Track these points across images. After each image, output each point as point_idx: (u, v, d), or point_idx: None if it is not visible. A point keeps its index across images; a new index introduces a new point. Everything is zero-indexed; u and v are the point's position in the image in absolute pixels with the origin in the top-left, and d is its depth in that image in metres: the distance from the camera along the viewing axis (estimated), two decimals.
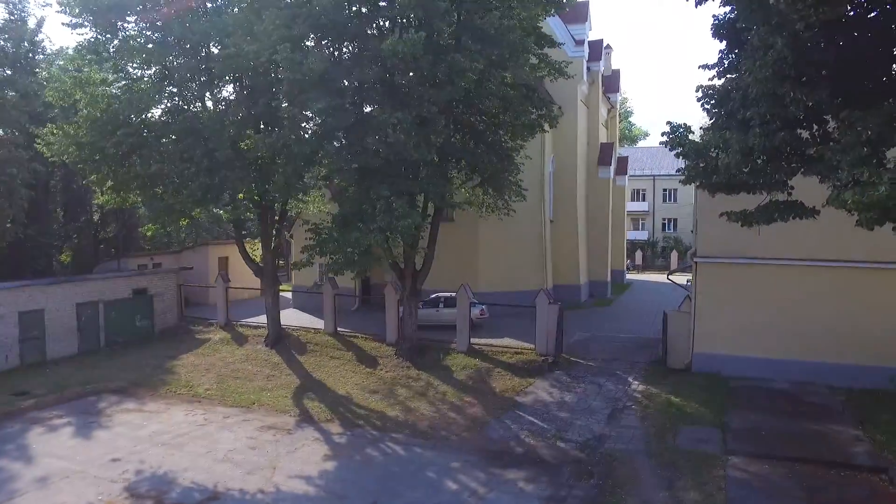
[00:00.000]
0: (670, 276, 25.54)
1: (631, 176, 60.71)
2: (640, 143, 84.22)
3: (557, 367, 22.73)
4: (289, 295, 37.16)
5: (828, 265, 20.15)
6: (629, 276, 49.73)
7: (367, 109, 20.11)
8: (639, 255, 60.84)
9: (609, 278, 39.33)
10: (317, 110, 17.68)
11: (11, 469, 15.69)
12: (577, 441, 16.75)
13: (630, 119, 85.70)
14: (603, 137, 41.46)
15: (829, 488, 13.61)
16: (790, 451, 15.31)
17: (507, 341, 25.72)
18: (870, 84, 10.15)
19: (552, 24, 30.94)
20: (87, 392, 21.98)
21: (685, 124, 12.11)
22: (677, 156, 12.40)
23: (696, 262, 21.80)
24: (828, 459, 14.87)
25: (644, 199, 68.51)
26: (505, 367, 22.93)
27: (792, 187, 12.34)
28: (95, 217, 43.64)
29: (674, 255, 56.42)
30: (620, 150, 53.35)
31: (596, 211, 38.75)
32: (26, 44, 34.83)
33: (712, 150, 11.36)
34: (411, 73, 18.39)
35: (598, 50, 38.14)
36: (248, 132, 20.86)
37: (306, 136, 19.58)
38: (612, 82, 44.43)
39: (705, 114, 12.21)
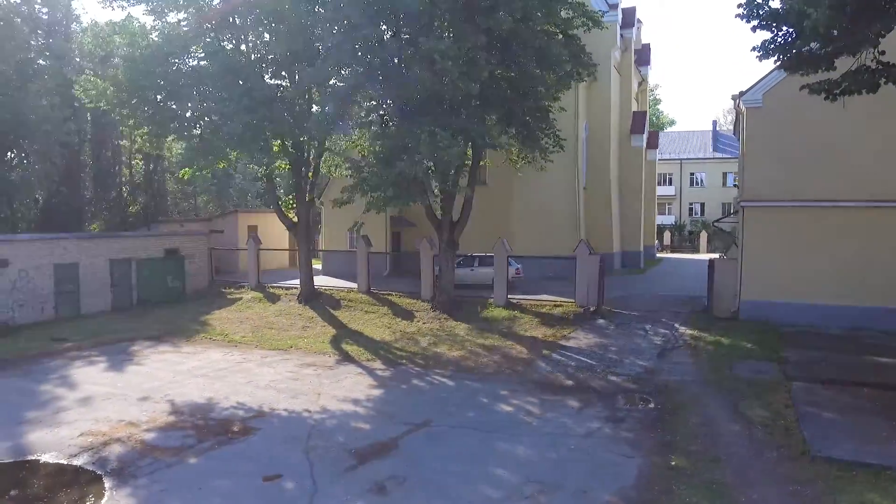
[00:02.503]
0: (717, 223, 24.90)
1: (658, 160, 59.87)
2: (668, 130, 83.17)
3: (599, 315, 22.18)
4: (318, 266, 37.04)
5: (883, 205, 19.42)
6: (659, 255, 48.98)
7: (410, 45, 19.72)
8: (667, 235, 59.99)
9: (642, 249, 38.65)
10: (360, 38, 17.29)
11: (56, 392, 15.56)
12: (628, 375, 16.23)
13: (658, 107, 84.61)
14: (634, 109, 40.76)
15: None
16: (855, 378, 14.68)
17: (544, 297, 25.21)
18: None
19: None
20: (122, 338, 21.81)
21: None
22: (753, 29, 11.72)
23: (742, 207, 21.16)
24: None
25: (671, 184, 67.61)
26: (545, 318, 22.42)
27: (882, 51, 11.65)
28: (125, 191, 43.82)
29: (703, 236, 55.56)
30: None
31: (628, 180, 38.07)
32: (60, 13, 34.99)
33: (792, 16, 10.62)
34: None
35: (631, 17, 37.51)
36: (284, 73, 20.56)
37: (347, 71, 19.19)
38: (643, 55, 43.72)
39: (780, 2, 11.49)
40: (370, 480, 10.26)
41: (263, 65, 21.40)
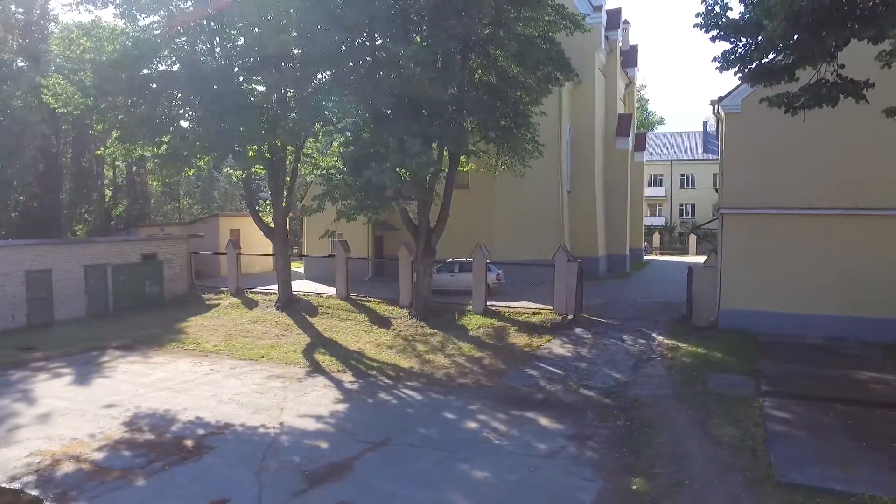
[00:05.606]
0: (696, 231, 24.52)
1: (648, 161, 59.65)
2: (657, 130, 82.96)
3: (577, 324, 21.85)
4: (300, 269, 36.67)
5: (863, 213, 19.14)
6: (647, 257, 48.66)
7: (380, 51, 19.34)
8: (656, 237, 59.67)
9: (628, 253, 38.33)
10: (326, 43, 16.89)
11: (14, 408, 15.13)
12: (601, 388, 15.90)
13: (646, 107, 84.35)
14: (621, 112, 40.44)
15: (877, 425, 12.66)
16: (829, 393, 14.37)
17: (524, 303, 24.88)
18: None
19: None
20: (92, 347, 21.42)
21: (723, 1, 10.99)
22: (713, 39, 11.35)
23: (722, 214, 20.85)
24: (871, 400, 13.94)
25: (661, 185, 67.34)
26: (522, 326, 22.09)
27: (842, 65, 11.33)
28: (108, 193, 43.31)
29: (692, 238, 55.25)
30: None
31: (614, 183, 37.73)
32: (37, 11, 34.52)
33: (751, 27, 10.28)
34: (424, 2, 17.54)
35: (615, 19, 37.16)
36: (257, 77, 20.14)
37: (317, 79, 18.81)
38: (630, 56, 43.39)
39: (742, 6, 11.12)
40: None
41: (235, 69, 20.96)
